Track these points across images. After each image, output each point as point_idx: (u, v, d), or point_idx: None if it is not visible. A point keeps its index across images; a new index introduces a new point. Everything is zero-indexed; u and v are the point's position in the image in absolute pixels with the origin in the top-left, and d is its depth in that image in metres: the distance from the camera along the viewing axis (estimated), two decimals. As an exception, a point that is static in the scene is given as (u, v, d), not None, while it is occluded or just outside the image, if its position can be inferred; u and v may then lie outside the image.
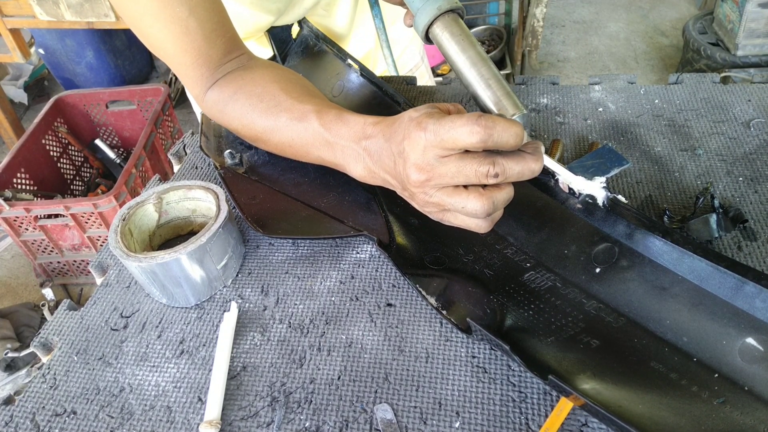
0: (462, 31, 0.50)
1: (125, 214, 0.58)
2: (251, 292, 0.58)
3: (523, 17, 2.39)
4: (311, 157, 0.58)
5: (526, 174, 0.44)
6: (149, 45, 0.60)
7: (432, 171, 0.45)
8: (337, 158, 0.55)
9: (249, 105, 0.59)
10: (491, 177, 0.43)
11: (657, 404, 0.42)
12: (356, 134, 0.52)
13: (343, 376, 0.50)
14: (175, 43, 0.58)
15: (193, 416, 0.49)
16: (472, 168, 0.43)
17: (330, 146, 0.55)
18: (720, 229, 0.55)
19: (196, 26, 0.57)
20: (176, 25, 0.57)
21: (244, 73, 0.62)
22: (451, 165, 0.44)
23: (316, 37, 0.79)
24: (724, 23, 2.11)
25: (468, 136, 0.42)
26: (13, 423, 0.50)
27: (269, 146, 0.61)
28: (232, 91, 0.61)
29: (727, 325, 0.45)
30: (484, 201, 0.44)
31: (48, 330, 0.57)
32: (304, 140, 0.56)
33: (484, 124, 0.41)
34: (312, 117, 0.55)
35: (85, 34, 2.35)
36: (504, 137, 0.42)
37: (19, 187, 1.70)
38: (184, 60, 0.60)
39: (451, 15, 0.51)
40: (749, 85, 0.75)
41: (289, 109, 0.57)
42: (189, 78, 0.62)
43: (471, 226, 0.48)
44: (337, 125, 0.54)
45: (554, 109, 0.76)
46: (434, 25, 0.51)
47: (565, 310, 0.50)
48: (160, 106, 1.87)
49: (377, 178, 0.53)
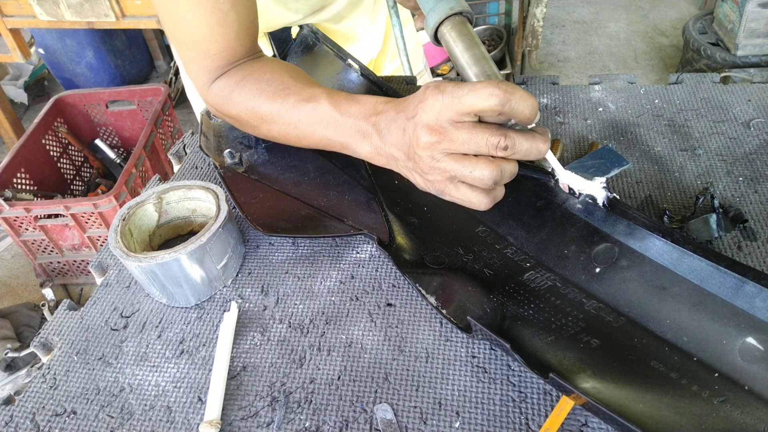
0: (469, 32, 0.53)
1: (125, 214, 0.58)
2: (251, 292, 0.58)
3: (523, 17, 2.39)
4: (316, 138, 0.57)
5: (533, 153, 0.45)
6: (174, 27, 0.60)
7: (443, 134, 0.45)
8: (344, 137, 0.55)
9: (257, 89, 0.60)
10: (501, 149, 0.44)
11: (657, 403, 0.42)
12: (367, 111, 0.53)
13: (343, 376, 0.50)
14: (208, 33, 0.59)
15: (193, 416, 0.49)
16: (483, 137, 0.43)
17: (337, 125, 0.55)
18: (720, 229, 0.55)
19: (234, 21, 0.59)
20: (215, 16, 0.57)
21: (252, 62, 0.63)
22: (463, 131, 0.44)
23: (315, 37, 0.79)
24: (724, 23, 2.11)
25: (487, 99, 0.42)
26: (13, 423, 0.50)
27: (272, 130, 0.61)
28: (240, 78, 0.61)
29: (727, 324, 0.45)
30: (493, 167, 0.44)
31: (48, 330, 0.57)
32: (311, 120, 0.57)
33: (504, 88, 0.42)
34: (322, 97, 0.56)
35: (85, 34, 2.35)
36: (521, 106, 0.43)
37: (19, 187, 1.70)
38: (209, 49, 0.60)
39: (460, 17, 0.54)
40: (749, 85, 0.75)
41: (299, 92, 0.58)
42: (202, 67, 0.62)
43: (472, 200, 0.47)
44: (348, 104, 0.54)
45: (554, 109, 0.76)
46: (443, 24, 0.54)
47: (565, 310, 0.50)
48: (160, 106, 1.87)
49: (382, 155, 0.52)
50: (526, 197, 0.57)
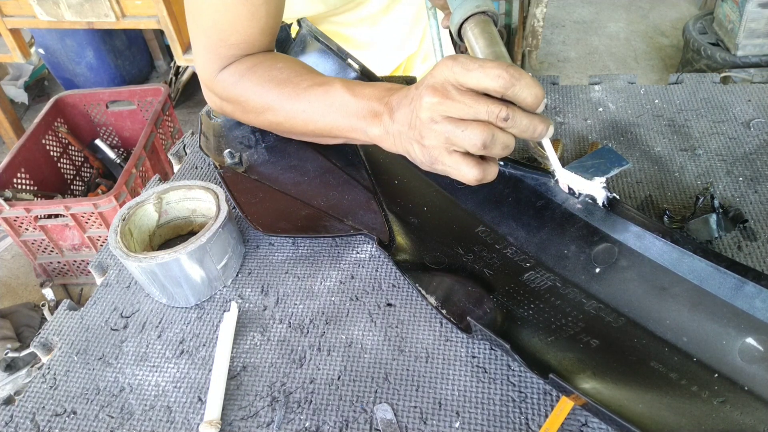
0: (492, 30, 0.54)
1: (125, 214, 0.58)
2: (251, 292, 0.58)
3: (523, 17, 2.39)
4: (325, 121, 0.57)
5: (530, 130, 0.45)
6: (198, 11, 0.60)
7: (446, 95, 0.45)
8: (354, 119, 0.55)
9: (269, 76, 0.60)
10: (501, 119, 0.44)
11: (657, 404, 0.42)
12: (380, 93, 0.53)
13: (343, 376, 0.50)
14: (234, 23, 0.59)
15: (193, 416, 0.49)
16: (484, 105, 0.44)
17: (349, 108, 0.55)
18: (720, 229, 0.55)
19: (263, 16, 0.59)
20: (246, 9, 0.58)
21: (265, 53, 0.64)
22: (466, 97, 0.45)
23: (315, 36, 0.79)
24: (724, 23, 2.11)
25: (493, 79, 0.43)
26: (13, 423, 0.50)
27: (278, 116, 0.61)
28: (251, 64, 0.62)
29: (726, 325, 0.45)
30: (484, 128, 0.44)
31: (48, 330, 0.57)
32: (323, 103, 0.57)
33: (512, 72, 0.43)
34: (336, 82, 0.56)
35: (85, 34, 2.35)
36: (525, 92, 0.43)
37: (19, 187, 1.70)
38: (229, 38, 0.60)
39: (484, 16, 0.55)
40: (749, 85, 0.75)
41: (312, 78, 0.59)
42: (216, 54, 0.62)
43: (461, 169, 0.46)
44: (362, 87, 0.55)
45: (554, 109, 0.76)
46: (468, 21, 0.55)
47: (564, 310, 0.50)
48: (160, 106, 1.87)
49: (390, 134, 0.52)
50: (526, 197, 0.57)
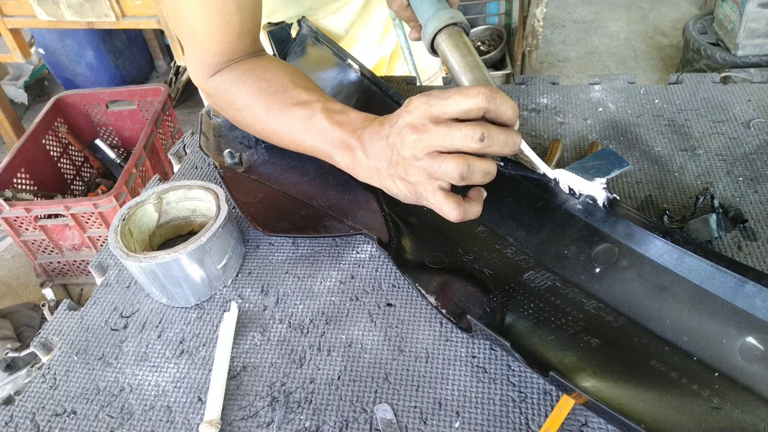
0: (464, 41, 0.55)
1: (125, 214, 0.58)
2: (251, 292, 0.58)
3: (523, 17, 2.39)
4: (305, 144, 0.59)
5: (509, 144, 0.46)
6: (178, 21, 0.61)
7: (425, 131, 0.46)
8: (329, 146, 0.56)
9: (258, 88, 0.61)
10: (477, 140, 0.45)
11: (657, 403, 0.42)
12: (355, 125, 0.54)
13: (343, 376, 0.50)
14: (210, 32, 0.60)
15: (193, 416, 0.49)
16: (459, 132, 0.45)
17: (326, 134, 0.56)
18: (720, 229, 0.55)
19: (237, 23, 0.60)
20: (219, 18, 0.59)
21: (254, 59, 0.65)
22: (442, 126, 0.46)
23: (315, 36, 0.79)
24: (725, 23, 2.11)
25: (474, 96, 0.44)
26: (13, 423, 0.50)
27: (266, 130, 0.62)
28: (241, 72, 0.63)
29: (727, 324, 0.45)
30: (459, 160, 0.45)
31: (48, 330, 0.57)
32: (304, 126, 0.58)
33: (490, 89, 0.44)
34: (317, 106, 0.57)
35: (85, 34, 2.35)
36: (503, 107, 0.45)
37: (19, 187, 1.70)
38: (210, 47, 0.62)
39: (456, 27, 0.56)
40: (749, 85, 0.75)
41: (296, 96, 0.59)
42: (201, 62, 0.64)
43: (443, 208, 0.47)
44: (339, 116, 0.56)
45: (554, 109, 0.76)
46: (440, 34, 0.56)
47: (564, 310, 0.50)
48: (160, 106, 1.87)
49: (363, 168, 0.53)
50: (526, 197, 0.57)
